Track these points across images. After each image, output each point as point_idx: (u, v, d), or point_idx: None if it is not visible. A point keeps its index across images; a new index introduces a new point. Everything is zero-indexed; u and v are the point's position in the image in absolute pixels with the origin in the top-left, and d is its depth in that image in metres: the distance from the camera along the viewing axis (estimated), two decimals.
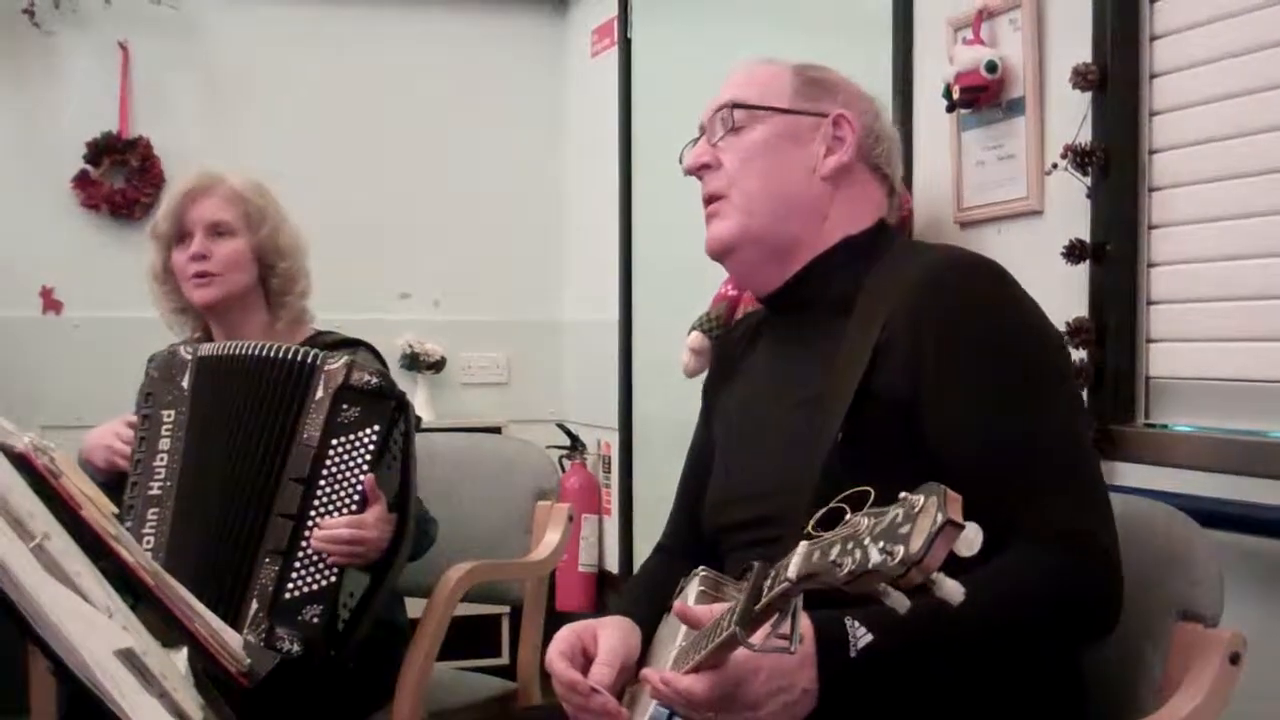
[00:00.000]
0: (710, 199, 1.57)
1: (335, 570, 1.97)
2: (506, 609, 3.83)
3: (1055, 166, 2.12)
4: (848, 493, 1.03)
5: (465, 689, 2.53)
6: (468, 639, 3.54)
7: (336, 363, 2.07)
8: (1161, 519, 1.47)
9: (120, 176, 4.01)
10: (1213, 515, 1.65)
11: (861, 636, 1.20)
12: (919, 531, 0.90)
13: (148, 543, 2.04)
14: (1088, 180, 2.09)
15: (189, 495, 2.07)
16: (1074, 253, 2.08)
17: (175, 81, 4.08)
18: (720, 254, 1.57)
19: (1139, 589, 1.40)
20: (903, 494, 0.94)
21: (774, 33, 3.20)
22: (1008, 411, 1.33)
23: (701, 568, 1.41)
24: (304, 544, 1.98)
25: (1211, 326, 1.95)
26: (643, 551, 3.96)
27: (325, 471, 2.01)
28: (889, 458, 1.34)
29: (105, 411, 2.27)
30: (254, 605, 1.95)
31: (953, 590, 0.92)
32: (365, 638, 2.11)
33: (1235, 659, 1.34)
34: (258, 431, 2.06)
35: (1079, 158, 2.08)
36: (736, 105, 1.55)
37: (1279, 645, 1.63)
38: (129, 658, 1.17)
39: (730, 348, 1.71)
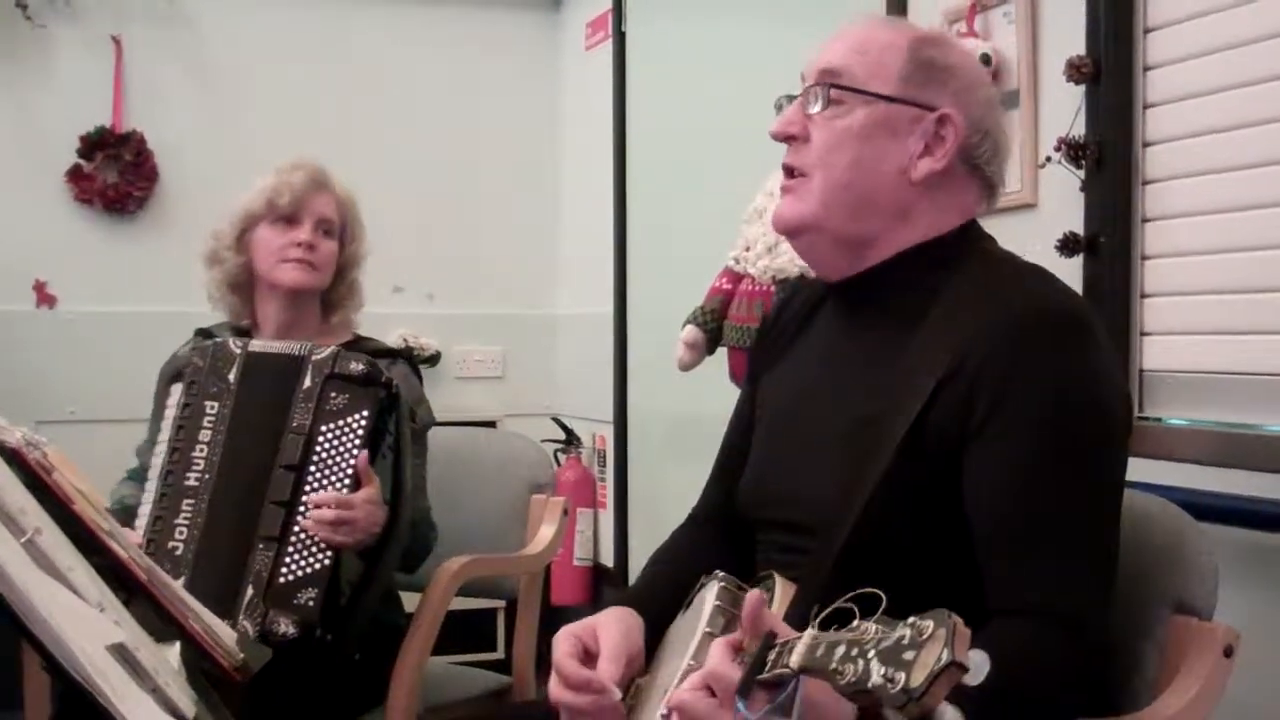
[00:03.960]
0: (791, 171, 1.48)
1: (328, 555, 1.99)
2: (502, 603, 3.82)
3: (1049, 159, 2.13)
4: (858, 591, 1.01)
5: (460, 683, 2.53)
6: (463, 633, 3.55)
7: (324, 352, 2.11)
8: (1155, 512, 1.47)
9: (114, 171, 3.99)
10: (1207, 509, 1.65)
11: None
12: (921, 665, 0.89)
13: (180, 533, 2.04)
14: (1081, 173, 2.09)
15: (222, 489, 2.08)
16: (1067, 246, 2.09)
17: (169, 76, 4.07)
18: (789, 233, 1.50)
19: (1133, 582, 1.40)
20: (912, 618, 0.93)
21: (768, 25, 3.20)
22: (1038, 482, 1.30)
23: (719, 573, 1.38)
24: (296, 529, 2.00)
25: (1205, 319, 1.95)
26: (638, 545, 3.96)
27: (315, 458, 2.05)
28: (932, 496, 1.32)
29: (99, 406, 2.26)
30: (249, 592, 1.97)
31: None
32: (364, 636, 2.11)
33: (1229, 652, 1.34)
34: (265, 425, 2.08)
35: (1073, 151, 2.08)
36: (836, 84, 1.44)
37: (1273, 638, 1.63)
38: (121, 652, 1.17)
39: (786, 320, 1.64)
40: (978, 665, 0.89)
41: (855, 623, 0.99)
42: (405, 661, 2.15)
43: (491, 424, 4.17)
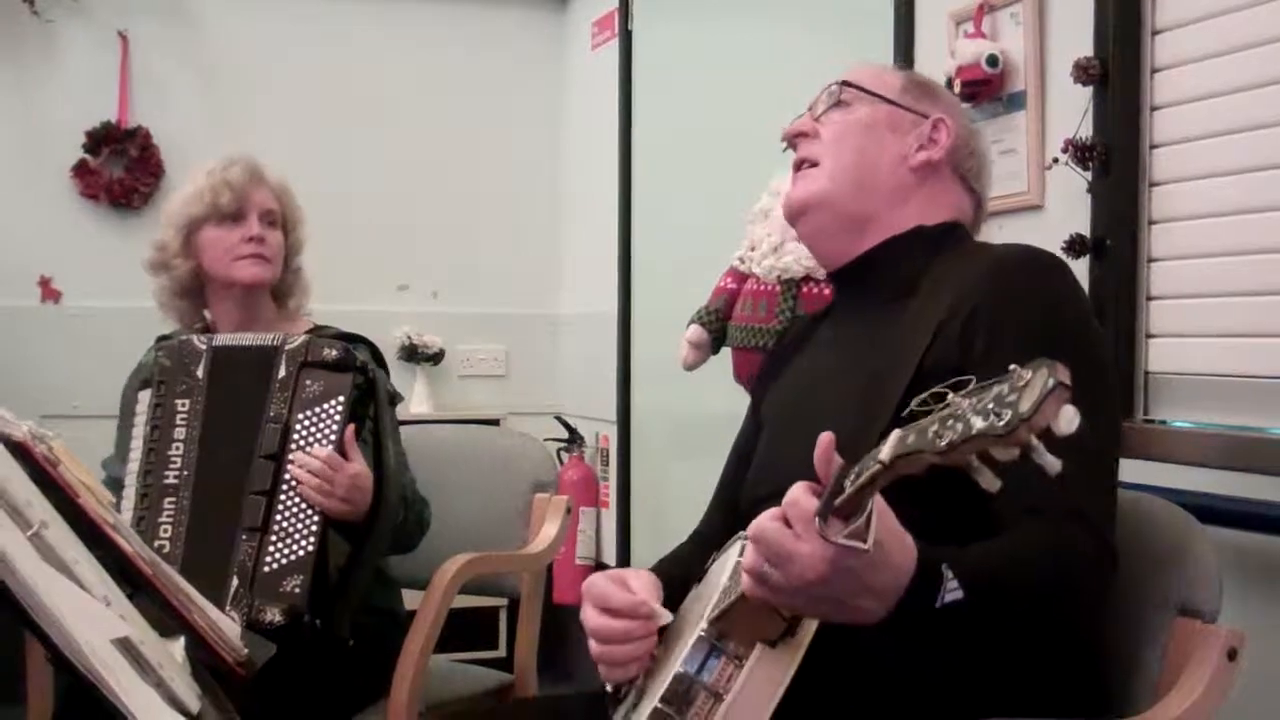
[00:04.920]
0: (801, 164, 1.63)
1: (312, 541, 2.00)
2: (504, 601, 3.83)
3: (1056, 161, 2.12)
4: (951, 381, 1.00)
5: (462, 681, 2.53)
6: (465, 631, 3.55)
7: (297, 341, 2.13)
8: (1160, 514, 1.47)
9: (119, 166, 4.00)
10: (1211, 511, 1.65)
11: (951, 591, 1.17)
12: (1029, 395, 0.89)
13: (165, 531, 2.05)
14: (1088, 175, 2.09)
15: (202, 484, 2.08)
16: (1074, 248, 2.08)
17: (175, 71, 4.07)
18: (797, 214, 1.62)
19: (1137, 584, 1.40)
20: (1012, 366, 0.93)
21: (775, 25, 3.20)
22: None
23: (743, 533, 1.38)
24: (278, 518, 2.02)
25: (1211, 322, 1.95)
26: (640, 545, 3.96)
27: (293, 446, 2.06)
28: None
29: (103, 401, 2.26)
30: (234, 582, 1.98)
31: (1051, 462, 0.91)
32: (363, 625, 2.12)
33: (1233, 655, 1.34)
34: (242, 418, 2.10)
35: (1080, 152, 2.08)
36: (847, 84, 1.62)
37: (1277, 641, 1.63)
38: (126, 646, 1.17)
39: (782, 348, 1.76)
40: (1071, 412, 0.89)
41: (947, 399, 0.98)
42: (407, 658, 2.15)
43: (495, 422, 4.16)
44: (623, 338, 4.00)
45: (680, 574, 1.53)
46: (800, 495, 1.13)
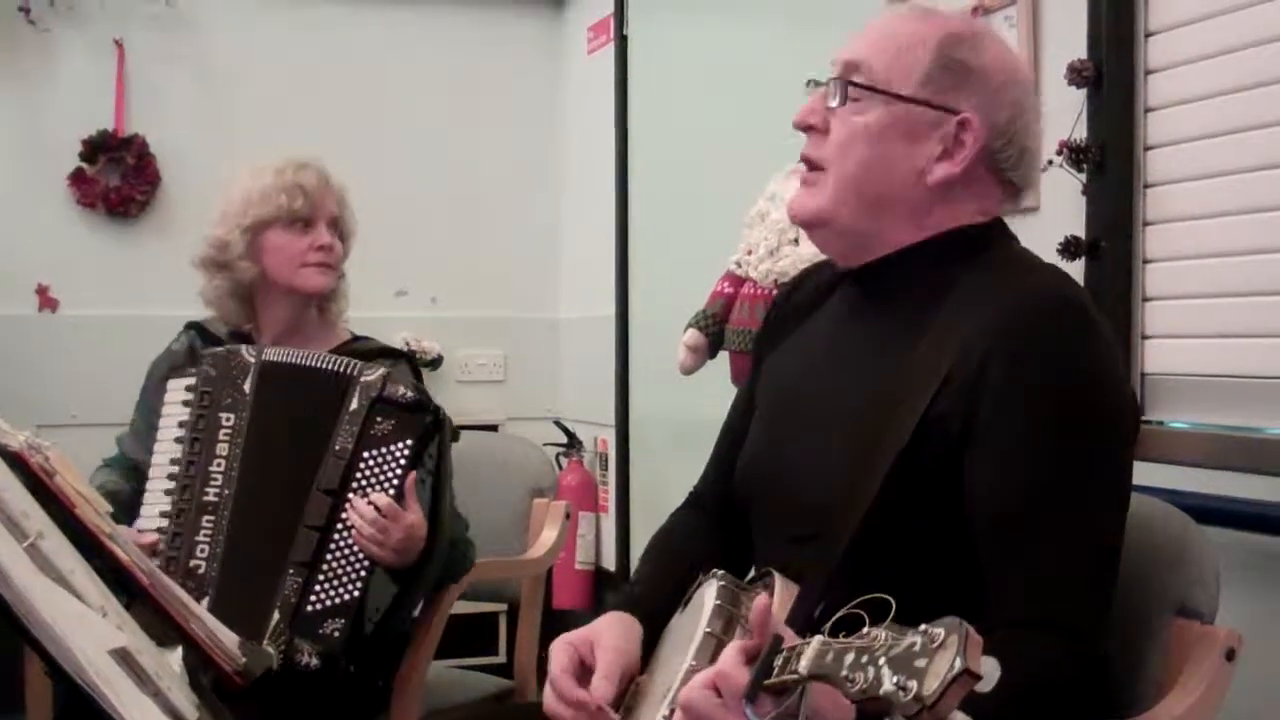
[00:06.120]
0: (807, 163, 1.46)
1: (359, 585, 1.96)
2: (504, 607, 3.83)
3: (1050, 163, 2.12)
4: (866, 597, 0.99)
5: (462, 687, 2.53)
6: (465, 637, 3.55)
7: (373, 374, 2.05)
8: (1158, 516, 1.47)
9: (116, 174, 4.00)
10: (1209, 512, 1.65)
11: None
12: (934, 674, 0.89)
13: (201, 551, 2.00)
14: (1083, 177, 2.10)
15: (245, 505, 2.03)
16: (1069, 249, 2.09)
17: (171, 79, 4.07)
18: (802, 226, 1.50)
19: (1135, 586, 1.40)
20: (923, 625, 0.92)
21: (770, 29, 3.20)
22: (1039, 490, 1.28)
23: (719, 571, 1.37)
24: (329, 557, 1.97)
25: (1207, 323, 1.95)
26: (640, 549, 3.93)
27: (355, 484, 1.99)
28: (938, 494, 1.31)
29: (100, 409, 2.25)
30: (275, 616, 1.93)
31: None
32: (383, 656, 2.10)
33: (1231, 655, 1.35)
34: (297, 441, 2.04)
35: (1074, 154, 2.08)
36: (853, 82, 1.41)
37: (1275, 641, 1.63)
38: (123, 657, 1.17)
39: (797, 300, 1.62)
40: (989, 673, 0.89)
41: (865, 629, 0.98)
42: (409, 666, 2.16)
43: (493, 428, 4.16)
44: (621, 342, 4.00)
45: (667, 592, 1.48)
46: (731, 668, 1.11)
